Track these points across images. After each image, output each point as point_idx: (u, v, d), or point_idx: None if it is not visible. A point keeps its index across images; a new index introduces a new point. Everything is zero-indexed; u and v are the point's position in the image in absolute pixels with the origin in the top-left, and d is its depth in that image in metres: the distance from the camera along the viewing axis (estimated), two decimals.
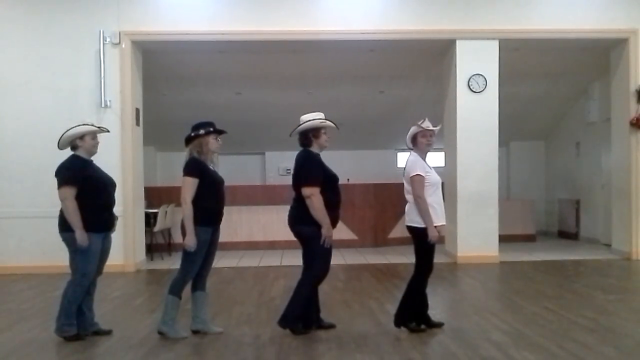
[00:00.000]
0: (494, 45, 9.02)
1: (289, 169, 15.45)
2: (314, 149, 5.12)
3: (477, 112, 9.05)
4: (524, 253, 9.95)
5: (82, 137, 5.01)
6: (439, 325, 5.15)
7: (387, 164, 14.79)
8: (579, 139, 12.34)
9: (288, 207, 5.24)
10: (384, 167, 14.55)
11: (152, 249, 9.70)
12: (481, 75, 9.01)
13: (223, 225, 5.13)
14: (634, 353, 4.46)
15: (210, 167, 5.04)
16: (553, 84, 11.60)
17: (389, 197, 11.12)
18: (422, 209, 4.91)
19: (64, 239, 4.91)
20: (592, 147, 11.75)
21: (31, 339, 5.04)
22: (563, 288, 7.12)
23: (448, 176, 9.32)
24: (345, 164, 11.98)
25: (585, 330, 5.00)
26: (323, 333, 5.03)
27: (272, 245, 10.87)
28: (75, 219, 4.78)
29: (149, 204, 9.97)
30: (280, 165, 14.77)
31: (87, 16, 8.65)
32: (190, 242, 4.80)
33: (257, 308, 6.12)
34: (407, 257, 9.52)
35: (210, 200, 4.92)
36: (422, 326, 5.10)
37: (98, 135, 5.15)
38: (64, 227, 4.87)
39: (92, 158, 5.12)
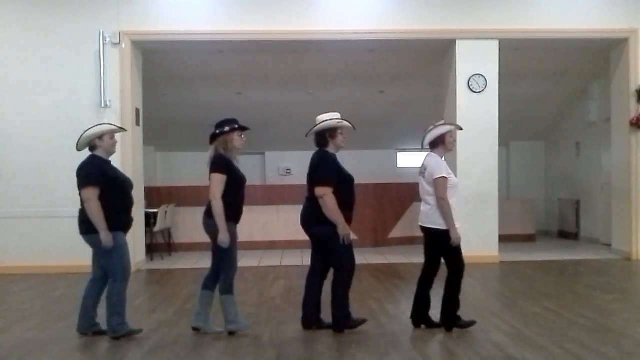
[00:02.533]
0: (494, 45, 9.01)
1: (289, 169, 15.52)
2: (331, 149, 5.13)
3: (477, 112, 9.05)
4: (524, 253, 9.94)
5: (100, 137, 4.97)
6: (439, 325, 5.14)
7: (387, 164, 14.79)
8: (579, 139, 12.34)
9: (288, 207, 5.27)
10: (384, 167, 14.55)
11: (152, 249, 9.70)
12: (481, 75, 9.01)
13: None
14: (634, 353, 4.46)
15: (235, 165, 5.04)
16: (553, 84, 11.60)
17: (389, 197, 11.12)
18: (446, 212, 4.89)
19: (88, 241, 4.85)
20: (592, 147, 11.74)
21: (31, 339, 5.04)
22: (563, 288, 7.12)
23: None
24: (346, 164, 11.85)
25: (585, 330, 5.00)
26: (323, 333, 5.03)
27: (272, 245, 10.87)
28: (99, 220, 4.72)
29: (148, 204, 9.97)
30: (280, 165, 14.78)
31: (87, 16, 8.65)
32: (225, 238, 4.81)
33: (257, 308, 6.12)
34: (407, 257, 9.53)
35: (233, 197, 4.92)
36: (422, 326, 5.10)
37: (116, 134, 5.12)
38: (87, 229, 4.81)
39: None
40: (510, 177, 14.06)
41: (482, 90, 9.02)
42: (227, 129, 4.99)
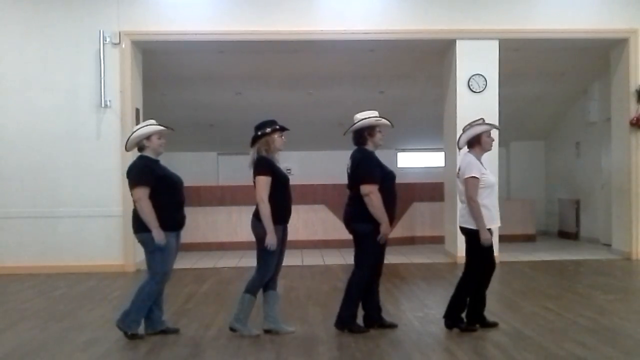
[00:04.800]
0: (494, 45, 9.01)
1: (289, 169, 15.48)
2: (369, 147, 5.13)
3: (477, 112, 9.01)
4: (524, 253, 9.93)
5: (148, 137, 5.04)
6: (494, 324, 5.09)
7: (387, 164, 14.69)
8: (579, 139, 12.34)
9: None
10: None
11: None
12: (481, 75, 9.00)
13: (224, 225, 5.14)
14: (634, 353, 4.46)
15: (277, 165, 5.04)
16: (553, 84, 11.59)
17: None
18: (475, 212, 4.86)
19: (140, 240, 4.90)
20: (592, 147, 11.74)
21: (31, 339, 5.04)
22: (563, 288, 7.12)
23: (448, 176, 9.31)
24: (346, 164, 11.97)
25: (585, 330, 5.00)
26: (324, 333, 5.04)
27: None
28: (151, 218, 4.76)
29: None
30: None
31: (87, 16, 8.65)
32: (272, 240, 4.81)
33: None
34: (407, 257, 9.53)
35: (280, 198, 4.93)
36: (477, 326, 5.03)
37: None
38: (140, 227, 4.85)
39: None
40: (510, 177, 14.06)
41: (482, 90, 9.02)
42: (268, 130, 5.03)
